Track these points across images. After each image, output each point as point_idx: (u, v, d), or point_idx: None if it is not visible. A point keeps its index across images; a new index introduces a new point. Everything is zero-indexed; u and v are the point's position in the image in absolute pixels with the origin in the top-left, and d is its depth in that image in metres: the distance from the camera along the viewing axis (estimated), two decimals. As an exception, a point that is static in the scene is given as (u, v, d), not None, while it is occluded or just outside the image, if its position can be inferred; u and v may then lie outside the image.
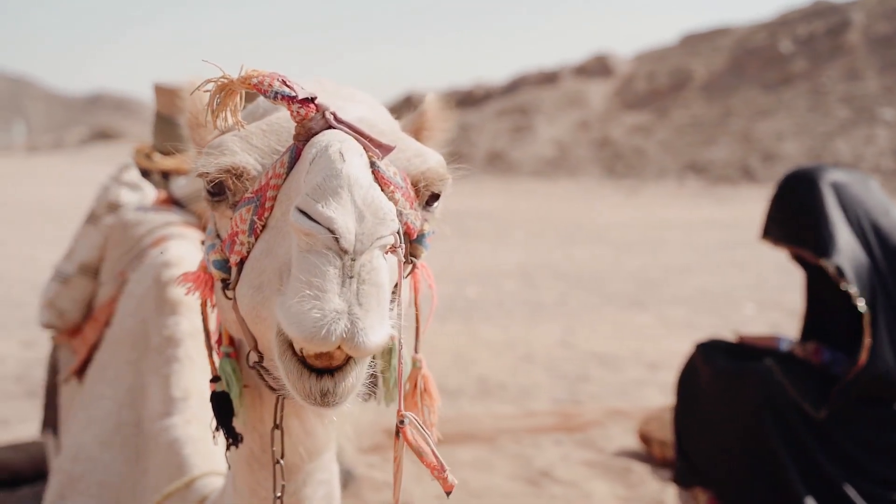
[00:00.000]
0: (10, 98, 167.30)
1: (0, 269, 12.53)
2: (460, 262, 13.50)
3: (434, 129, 2.06)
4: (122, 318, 3.13)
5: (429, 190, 1.74)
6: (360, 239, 1.35)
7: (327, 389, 1.42)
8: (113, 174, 4.11)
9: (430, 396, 1.93)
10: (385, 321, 1.37)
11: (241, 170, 1.67)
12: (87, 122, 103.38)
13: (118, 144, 55.58)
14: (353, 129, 1.58)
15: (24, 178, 33.55)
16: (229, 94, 1.67)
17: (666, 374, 7.51)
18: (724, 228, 18.87)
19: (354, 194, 1.37)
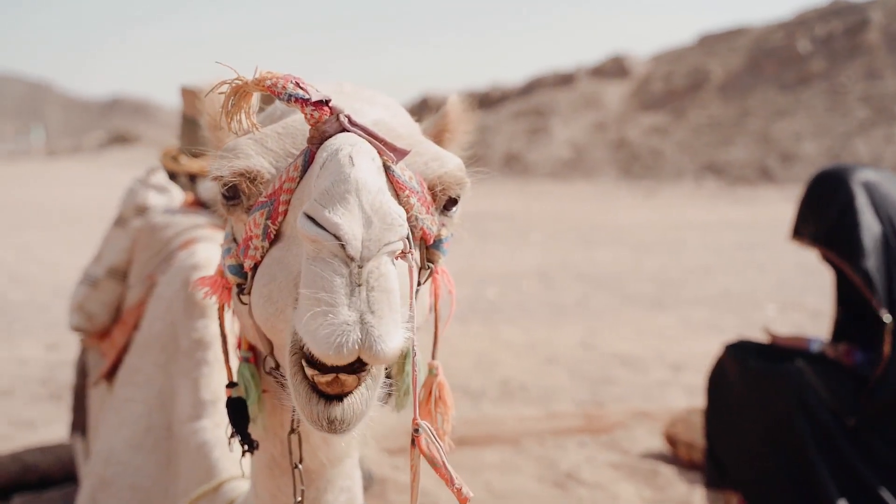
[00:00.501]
0: (28, 103, 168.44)
1: (23, 273, 12.59)
2: (479, 264, 13.48)
3: (456, 130, 2.04)
4: (151, 322, 3.13)
5: (446, 194, 1.71)
6: (367, 245, 1.33)
7: (335, 416, 1.40)
8: (140, 177, 4.12)
9: (444, 404, 1.91)
10: (400, 326, 1.35)
11: (255, 173, 1.65)
12: (104, 125, 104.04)
13: (136, 148, 55.84)
14: (368, 132, 1.56)
15: (44, 182, 33.75)
16: (243, 96, 1.65)
17: (690, 375, 7.48)
18: (743, 229, 18.78)
19: (362, 199, 1.35)
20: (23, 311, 10.02)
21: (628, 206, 25.67)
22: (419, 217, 1.62)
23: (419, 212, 1.62)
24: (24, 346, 8.29)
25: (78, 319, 3.72)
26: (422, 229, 1.64)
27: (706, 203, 26.60)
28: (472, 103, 2.07)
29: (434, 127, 2.03)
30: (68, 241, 16.00)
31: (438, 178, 1.69)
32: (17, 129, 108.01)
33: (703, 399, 6.39)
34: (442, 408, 1.91)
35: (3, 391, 6.83)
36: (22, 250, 14.84)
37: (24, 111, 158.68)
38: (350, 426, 1.42)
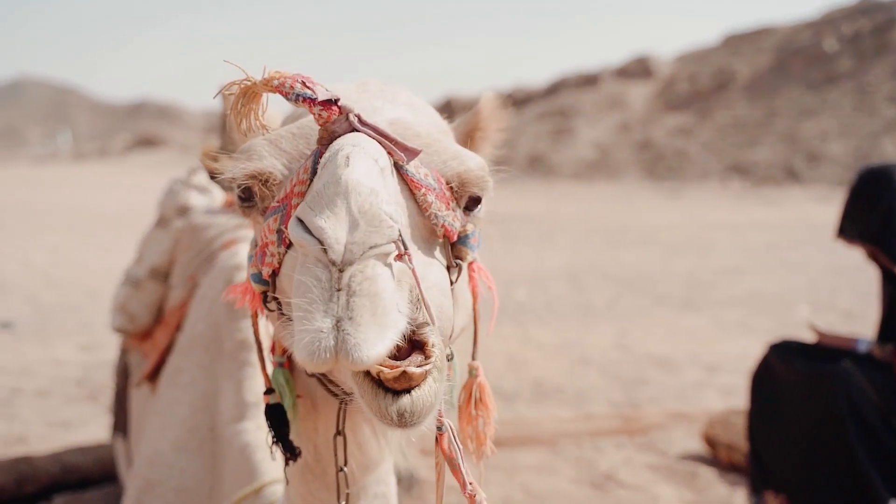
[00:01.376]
0: (55, 107, 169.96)
1: (55, 275, 12.69)
2: (506, 265, 13.44)
3: (488, 129, 2.00)
4: (194, 323, 3.13)
5: (466, 192, 1.67)
6: (350, 249, 1.28)
7: (404, 409, 1.35)
8: (180, 177, 4.13)
9: (485, 407, 1.85)
10: (386, 332, 1.28)
11: (267, 175, 1.61)
12: (130, 129, 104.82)
13: (162, 151, 56.22)
14: (378, 131, 1.53)
15: (71, 185, 34.05)
16: (252, 96, 1.62)
17: (725, 376, 7.42)
18: (771, 230, 18.64)
19: (350, 201, 1.30)
20: (56, 312, 10.10)
21: (654, 207, 25.56)
22: (438, 214, 1.60)
23: (438, 209, 1.60)
24: (58, 347, 8.35)
25: (120, 320, 3.73)
26: (443, 226, 1.61)
27: (732, 204, 26.44)
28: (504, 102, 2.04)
29: (465, 125, 2.00)
30: (97, 244, 16.12)
31: (457, 176, 1.65)
32: (45, 132, 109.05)
33: (741, 400, 6.36)
34: (483, 410, 1.85)
35: (40, 392, 6.88)
36: (52, 253, 14.96)
37: (52, 115, 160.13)
38: (420, 419, 1.37)
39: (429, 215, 1.59)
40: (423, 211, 1.59)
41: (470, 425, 1.86)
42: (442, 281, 1.60)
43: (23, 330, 9.16)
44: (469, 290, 1.83)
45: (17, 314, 9.89)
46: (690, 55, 48.25)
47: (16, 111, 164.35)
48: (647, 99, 44.00)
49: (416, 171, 1.58)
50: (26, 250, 15.15)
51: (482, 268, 1.87)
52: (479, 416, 1.85)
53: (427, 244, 1.62)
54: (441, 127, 1.87)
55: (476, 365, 1.87)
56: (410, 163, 1.58)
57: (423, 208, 1.59)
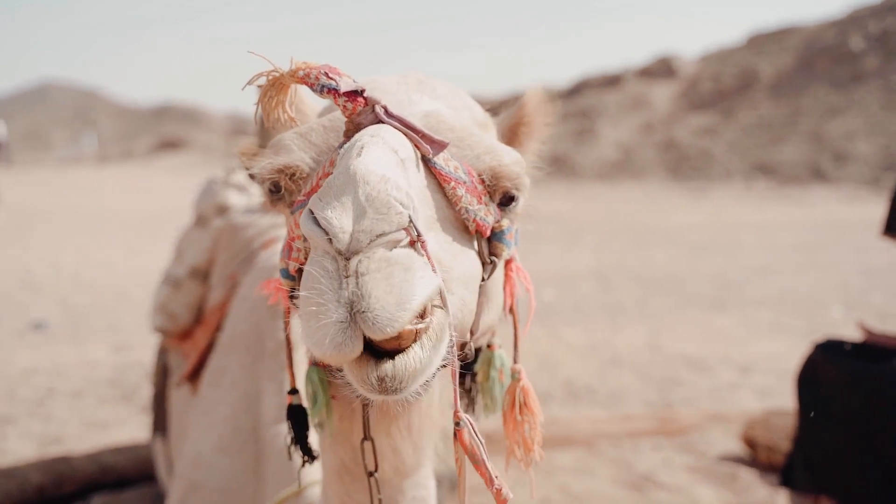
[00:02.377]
0: (80, 110, 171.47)
1: (84, 277, 12.77)
2: (532, 265, 13.21)
3: (533, 123, 1.96)
4: (235, 322, 3.11)
5: (499, 187, 1.64)
6: (357, 237, 1.24)
7: (385, 374, 1.27)
8: (217, 176, 4.12)
9: (530, 411, 1.80)
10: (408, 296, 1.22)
11: (294, 169, 1.60)
12: (154, 131, 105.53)
13: (186, 153, 56.53)
14: (404, 123, 1.50)
15: (97, 188, 34.30)
16: (281, 88, 1.60)
17: (759, 377, 7.35)
18: (800, 230, 18.47)
19: (359, 190, 1.26)
20: (87, 314, 10.15)
21: (678, 208, 25.42)
22: (469, 208, 1.57)
23: (469, 203, 1.57)
24: (91, 348, 8.39)
25: (161, 320, 3.72)
26: (475, 221, 1.58)
27: (758, 203, 26.25)
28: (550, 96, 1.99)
29: (509, 120, 1.96)
30: (125, 245, 16.21)
31: (490, 170, 1.62)
32: (70, 136, 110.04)
33: (777, 401, 6.30)
34: (528, 415, 1.80)
35: (74, 393, 6.91)
36: (81, 254, 15.06)
37: (77, 119, 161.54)
38: (403, 385, 1.29)
39: (459, 209, 1.57)
40: (453, 205, 1.57)
41: (516, 431, 1.82)
42: (469, 273, 1.57)
43: (55, 331, 9.22)
44: (505, 289, 1.80)
45: (48, 315, 9.95)
46: (714, 55, 47.93)
47: (42, 115, 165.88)
48: (671, 99, 43.77)
49: (444, 164, 1.55)
50: (55, 252, 15.27)
51: (521, 268, 1.83)
52: (525, 421, 1.80)
53: (459, 238, 1.58)
54: (480, 121, 1.83)
55: (518, 368, 1.83)
56: (439, 156, 1.55)
57: (453, 202, 1.56)
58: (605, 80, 48.79)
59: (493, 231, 1.65)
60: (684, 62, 47.30)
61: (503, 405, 1.84)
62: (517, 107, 1.97)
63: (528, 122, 1.96)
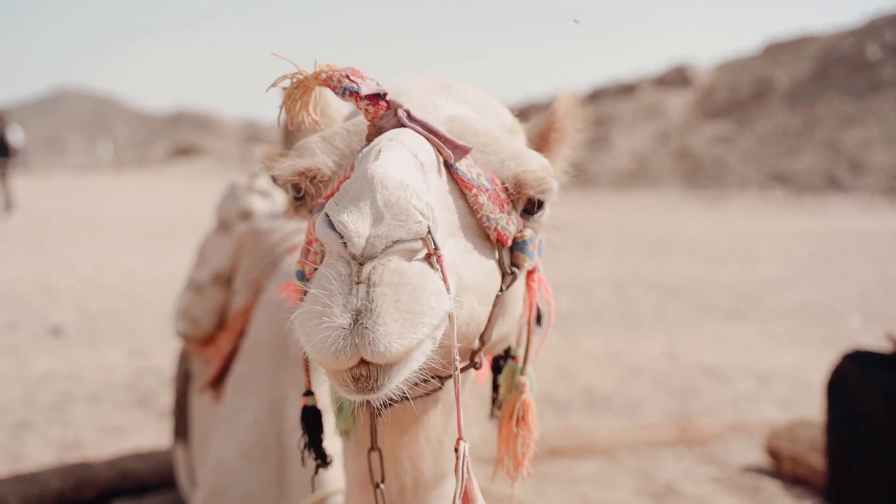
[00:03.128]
0: (96, 117, 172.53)
1: (101, 282, 12.81)
2: (548, 273, 13.15)
3: (564, 129, 1.92)
4: (259, 328, 3.09)
5: (523, 194, 1.61)
6: (372, 242, 1.21)
7: (360, 373, 1.24)
8: (240, 181, 4.11)
9: (527, 426, 1.76)
10: (413, 324, 1.20)
11: (315, 172, 1.59)
12: (168, 138, 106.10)
13: (200, 160, 56.74)
14: (426, 127, 1.48)
15: (112, 193, 34.45)
16: (304, 91, 1.58)
17: (779, 387, 7.29)
18: (816, 239, 18.36)
19: (377, 195, 1.23)
20: (104, 319, 10.17)
21: (694, 216, 25.32)
22: (490, 216, 1.54)
23: (490, 211, 1.54)
24: (107, 353, 8.39)
25: (184, 325, 3.70)
26: (496, 229, 1.55)
27: (774, 213, 26.13)
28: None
29: (540, 125, 1.93)
30: (141, 251, 16.26)
31: (514, 177, 1.59)
32: (85, 142, 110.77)
33: (798, 412, 6.25)
34: (524, 430, 1.76)
35: (91, 398, 6.91)
36: (97, 260, 15.11)
37: (92, 125, 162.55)
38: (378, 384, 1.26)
39: (480, 217, 1.54)
40: (474, 212, 1.54)
41: (509, 443, 1.78)
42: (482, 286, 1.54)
43: (72, 336, 9.24)
44: (524, 300, 1.76)
45: (65, 320, 9.97)
46: (730, 64, 47.77)
47: (58, 121, 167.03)
48: (686, 108, 43.65)
49: (467, 170, 1.52)
50: (72, 257, 15.32)
51: (543, 280, 1.80)
52: (520, 435, 1.76)
53: (480, 247, 1.55)
54: (508, 127, 1.81)
55: (523, 381, 1.79)
56: (462, 162, 1.52)
57: (475, 210, 1.54)
58: (619, 88, 48.69)
59: (515, 241, 1.62)
60: (699, 71, 47.15)
61: (502, 414, 1.81)
62: (548, 112, 1.94)
63: (558, 127, 1.93)
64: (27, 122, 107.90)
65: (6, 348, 8.58)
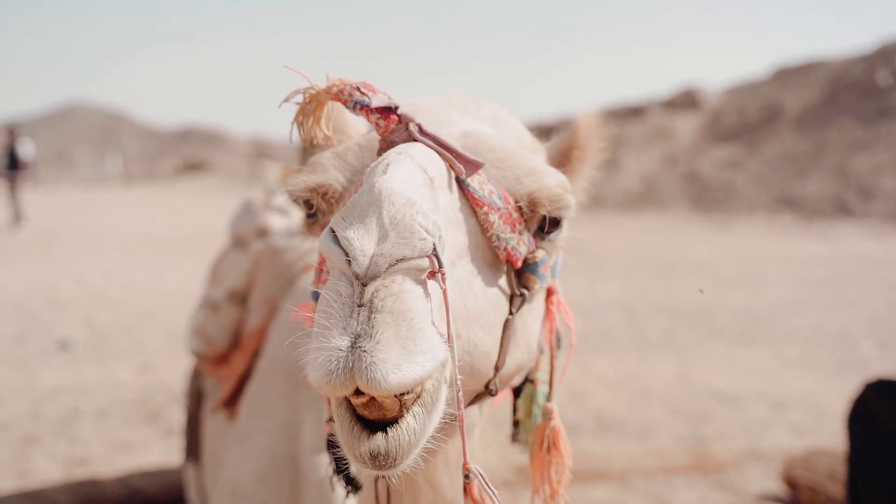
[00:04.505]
0: (105, 131, 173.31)
1: (109, 296, 12.78)
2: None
3: (586, 147, 1.88)
4: (274, 349, 3.05)
5: (536, 212, 1.57)
6: (376, 261, 1.17)
7: (378, 450, 1.20)
8: (255, 198, 4.07)
9: (558, 453, 1.73)
10: (413, 355, 1.15)
11: (326, 188, 1.56)
12: (178, 153, 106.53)
13: (208, 176, 56.88)
14: (438, 142, 1.44)
15: (122, 207, 34.51)
16: (317, 105, 1.55)
17: (793, 414, 7.22)
18: (826, 264, 18.26)
19: (383, 211, 1.18)
20: (111, 333, 10.13)
21: (702, 240, 25.25)
22: (501, 236, 1.50)
23: (500, 230, 1.50)
24: (115, 368, 8.35)
25: (198, 344, 3.66)
26: (506, 249, 1.51)
27: (782, 237, 26.05)
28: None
29: (561, 144, 1.89)
30: (149, 265, 16.24)
31: (527, 195, 1.55)
32: (94, 156, 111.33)
33: (813, 440, 6.17)
34: (556, 457, 1.73)
35: (99, 413, 6.87)
36: (106, 274, 15.10)
37: (101, 139, 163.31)
38: (396, 462, 1.22)
39: (490, 236, 1.49)
40: (484, 231, 1.50)
41: (543, 471, 1.74)
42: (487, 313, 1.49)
43: (80, 350, 9.20)
44: (538, 324, 1.71)
45: (74, 334, 9.94)
46: (739, 88, 47.80)
47: (68, 135, 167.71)
48: (695, 130, 43.66)
49: (479, 187, 1.48)
50: (80, 271, 15.31)
51: (563, 302, 1.76)
52: (553, 462, 1.73)
53: (488, 268, 1.51)
54: (527, 145, 1.76)
55: (551, 408, 1.76)
56: (474, 179, 1.48)
57: (485, 228, 1.49)
58: (628, 110, 48.75)
59: (526, 262, 1.57)
60: (708, 94, 47.21)
61: (532, 443, 1.77)
62: (570, 130, 1.90)
63: (580, 145, 1.89)
64: (37, 136, 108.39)
65: (14, 361, 8.55)
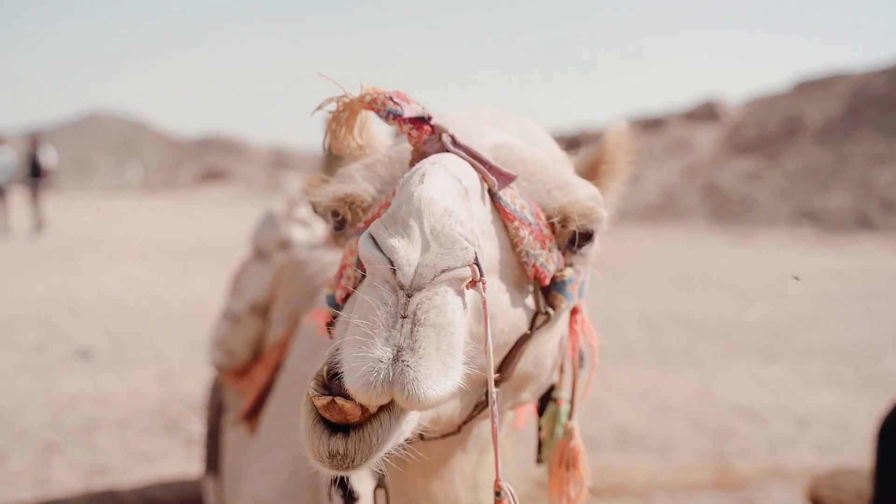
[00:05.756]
0: (126, 140, 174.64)
1: (129, 304, 12.82)
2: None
3: (613, 161, 1.86)
4: (296, 362, 3.03)
5: (567, 227, 1.55)
6: (420, 272, 1.17)
7: (336, 451, 1.21)
8: (277, 209, 4.05)
9: (577, 471, 1.72)
10: (451, 370, 1.16)
11: (355, 198, 1.55)
12: (197, 162, 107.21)
13: (228, 184, 57.15)
14: (471, 153, 1.43)
15: (142, 216, 34.69)
16: (350, 114, 1.55)
17: (817, 431, 7.13)
18: (849, 279, 18.11)
19: (423, 220, 1.19)
20: (131, 341, 10.15)
21: (722, 252, 25.11)
22: (530, 252, 1.48)
23: (531, 246, 1.48)
24: (135, 377, 8.36)
25: (219, 356, 3.64)
26: (534, 266, 1.49)
27: (803, 250, 25.87)
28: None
29: (589, 157, 1.87)
30: (169, 274, 16.29)
31: (559, 209, 1.53)
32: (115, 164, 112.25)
33: (838, 457, 6.10)
34: (575, 475, 1.72)
35: (119, 423, 6.87)
36: (126, 282, 15.15)
37: (122, 148, 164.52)
38: (354, 464, 1.22)
39: (519, 252, 1.47)
40: (513, 246, 1.48)
41: (561, 489, 1.73)
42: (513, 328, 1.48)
43: (100, 358, 9.22)
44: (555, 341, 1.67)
45: (94, 342, 9.97)
46: (760, 100, 47.57)
47: (89, 143, 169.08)
48: (715, 143, 43.48)
49: (511, 201, 1.46)
50: (101, 279, 15.37)
51: (586, 321, 1.74)
52: (571, 480, 1.71)
53: (515, 286, 1.49)
54: (556, 156, 1.75)
55: (572, 427, 1.74)
56: (507, 192, 1.47)
57: (514, 243, 1.47)
58: (647, 122, 48.60)
59: (554, 280, 1.55)
60: (728, 107, 47.03)
61: (550, 461, 1.75)
62: (598, 143, 1.88)
63: (608, 159, 1.87)
64: (59, 144, 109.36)
65: (35, 369, 8.58)
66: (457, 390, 1.18)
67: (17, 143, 40.51)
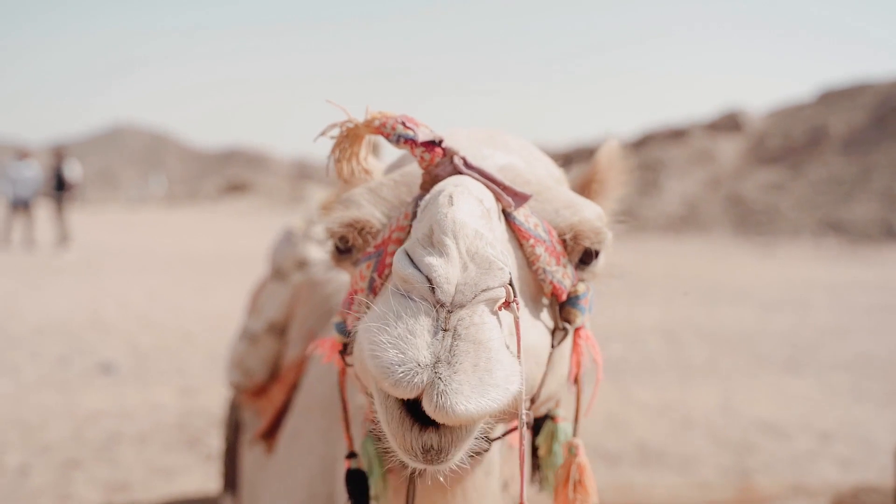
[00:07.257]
0: (150, 152, 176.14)
1: (152, 317, 12.89)
2: (598, 320, 12.92)
3: (605, 180, 1.87)
4: (312, 383, 3.04)
5: (580, 244, 1.56)
6: (462, 290, 1.18)
7: (430, 444, 1.21)
8: (295, 227, 4.05)
9: (584, 490, 1.69)
10: (487, 388, 1.15)
11: (364, 223, 1.55)
12: (221, 174, 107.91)
13: (251, 197, 57.47)
14: (485, 174, 1.44)
15: (166, 228, 34.95)
16: (355, 139, 1.55)
17: (840, 446, 7.05)
18: (874, 290, 17.94)
19: (459, 241, 1.20)
20: (153, 355, 10.19)
21: (745, 264, 24.94)
22: (547, 269, 1.49)
23: (547, 263, 1.49)
24: (156, 391, 8.40)
25: (237, 376, 3.65)
26: (551, 283, 1.50)
27: (828, 261, 25.65)
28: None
29: (582, 176, 1.88)
30: (192, 287, 16.38)
31: (570, 227, 1.54)
32: (139, 176, 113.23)
33: (862, 474, 6.03)
34: (581, 494, 1.69)
35: (141, 437, 6.90)
36: (148, 295, 15.24)
37: (146, 160, 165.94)
38: (448, 456, 1.23)
39: (536, 269, 1.48)
40: (530, 264, 1.49)
41: None
42: (537, 346, 1.48)
43: (122, 372, 9.26)
44: (570, 357, 1.67)
45: (116, 355, 10.02)
46: (784, 111, 47.31)
47: (113, 156, 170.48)
48: (738, 153, 43.28)
49: (525, 220, 1.48)
50: (124, 292, 15.47)
51: (590, 336, 1.73)
52: (578, 500, 1.69)
53: (533, 302, 1.50)
54: (556, 176, 1.76)
55: (577, 444, 1.72)
56: (520, 211, 1.48)
57: (531, 261, 1.48)
58: (670, 133, 48.48)
59: (569, 295, 1.56)
60: (752, 117, 46.81)
61: (556, 480, 1.73)
62: (591, 162, 1.89)
63: (600, 178, 1.88)
64: (84, 157, 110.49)
65: (57, 383, 8.63)
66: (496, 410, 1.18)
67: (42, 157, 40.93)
